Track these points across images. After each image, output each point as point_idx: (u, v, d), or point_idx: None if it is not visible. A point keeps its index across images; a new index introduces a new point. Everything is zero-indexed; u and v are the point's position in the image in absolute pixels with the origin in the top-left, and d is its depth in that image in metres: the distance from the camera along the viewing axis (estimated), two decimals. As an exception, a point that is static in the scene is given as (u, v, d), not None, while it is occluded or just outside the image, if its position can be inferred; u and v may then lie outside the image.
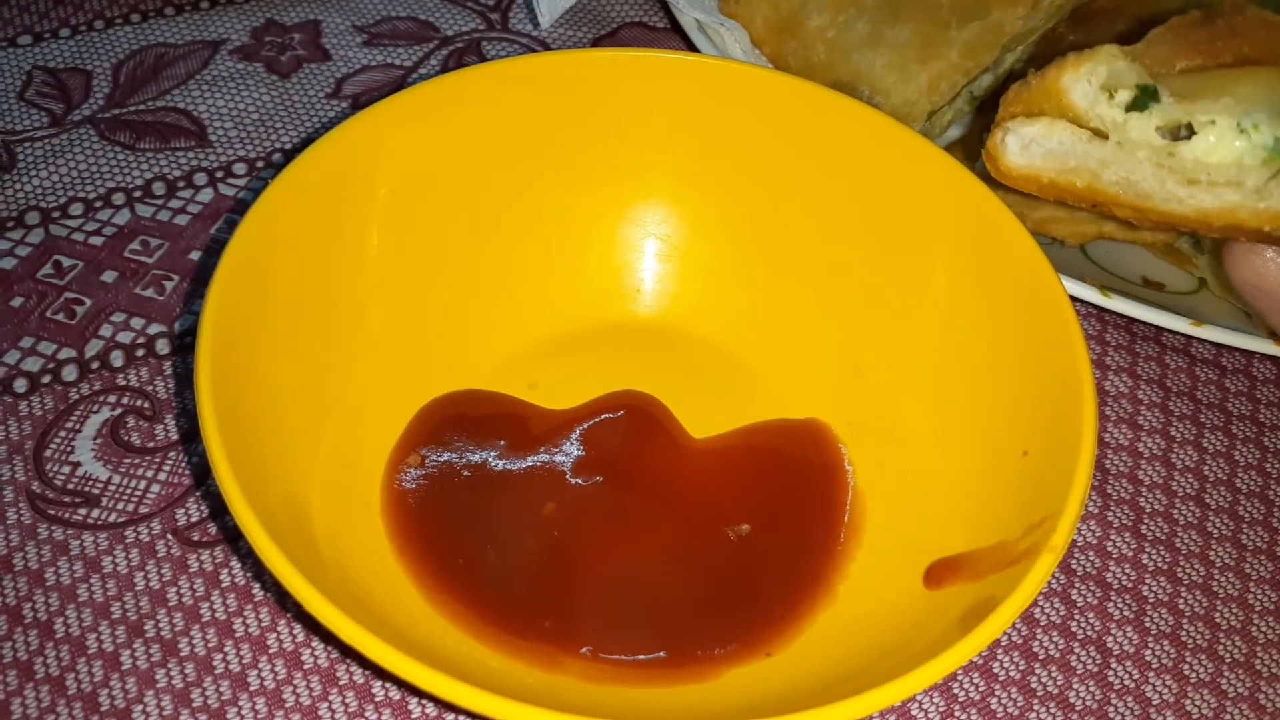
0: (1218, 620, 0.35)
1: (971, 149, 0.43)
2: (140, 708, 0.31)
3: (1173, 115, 0.31)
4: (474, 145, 0.36)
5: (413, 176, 0.35)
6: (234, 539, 0.34)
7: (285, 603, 0.33)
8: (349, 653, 0.32)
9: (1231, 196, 0.31)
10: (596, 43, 0.49)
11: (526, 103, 0.36)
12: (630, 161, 0.37)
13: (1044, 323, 0.31)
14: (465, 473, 0.34)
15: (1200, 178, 0.31)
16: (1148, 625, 0.34)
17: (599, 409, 0.35)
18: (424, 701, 0.32)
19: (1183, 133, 0.31)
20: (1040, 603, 0.34)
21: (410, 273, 0.35)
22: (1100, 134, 0.32)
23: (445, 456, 0.34)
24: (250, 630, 0.32)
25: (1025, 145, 0.33)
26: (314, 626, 0.32)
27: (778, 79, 0.36)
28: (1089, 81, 0.31)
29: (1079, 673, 0.33)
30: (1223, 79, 0.32)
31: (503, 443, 0.34)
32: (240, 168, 0.43)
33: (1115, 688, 0.33)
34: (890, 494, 0.33)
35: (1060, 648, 0.34)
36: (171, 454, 0.35)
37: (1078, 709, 0.33)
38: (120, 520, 0.34)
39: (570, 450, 0.34)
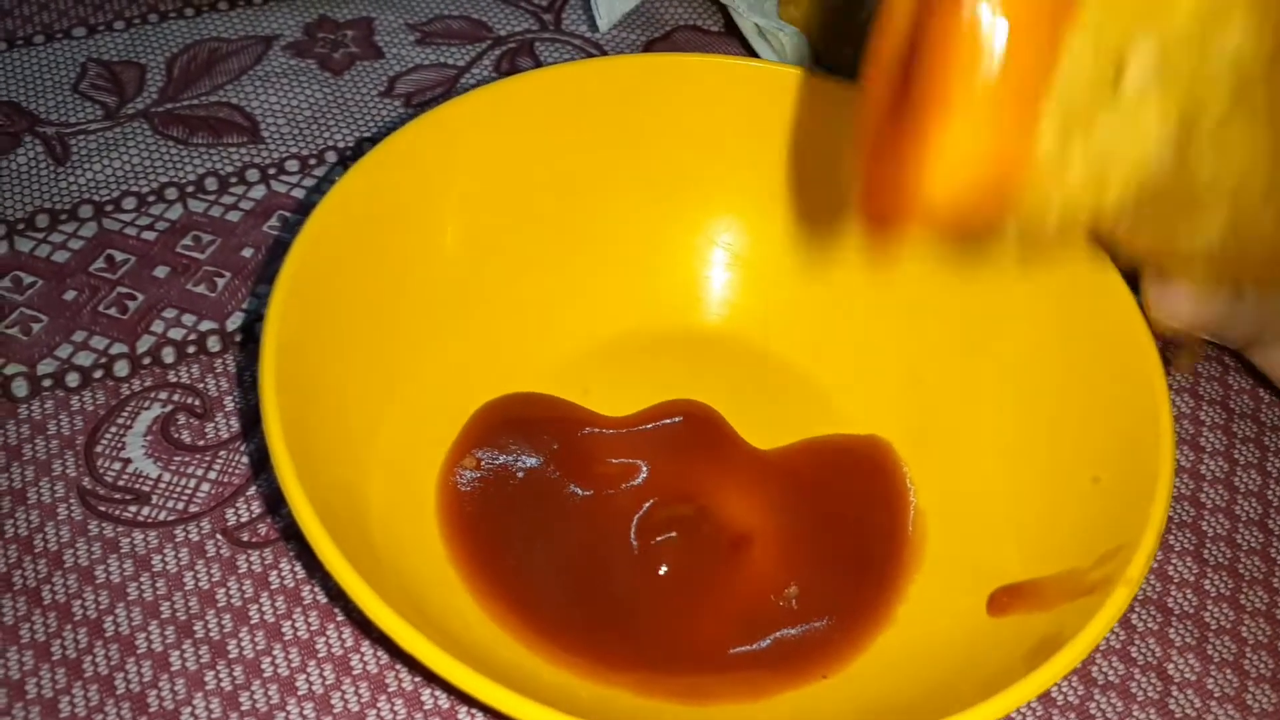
0: (1282, 650, 0.34)
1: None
2: (189, 710, 0.31)
3: None
4: (540, 149, 0.35)
5: (479, 179, 0.35)
6: (285, 539, 0.34)
7: (335, 606, 0.33)
8: (399, 657, 0.32)
9: None
10: (649, 46, 0.48)
11: (593, 107, 0.35)
12: (695, 168, 0.37)
13: (1118, 346, 0.30)
14: (520, 475, 0.33)
15: None
16: (1210, 653, 0.34)
17: (657, 415, 0.35)
18: (473, 711, 0.31)
19: None
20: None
21: (472, 274, 0.35)
22: None
23: (500, 460, 0.33)
24: (299, 634, 0.32)
25: None
26: (364, 630, 0.32)
27: (842, 88, 0.36)
28: None
29: (1139, 700, 0.33)
30: None
31: (557, 446, 0.34)
32: (293, 164, 0.43)
33: (1177, 716, 0.32)
34: (953, 516, 0.33)
35: (1120, 674, 0.33)
36: (222, 453, 0.35)
37: (1138, 738, 0.32)
38: (170, 519, 0.34)
39: (626, 457, 0.34)
